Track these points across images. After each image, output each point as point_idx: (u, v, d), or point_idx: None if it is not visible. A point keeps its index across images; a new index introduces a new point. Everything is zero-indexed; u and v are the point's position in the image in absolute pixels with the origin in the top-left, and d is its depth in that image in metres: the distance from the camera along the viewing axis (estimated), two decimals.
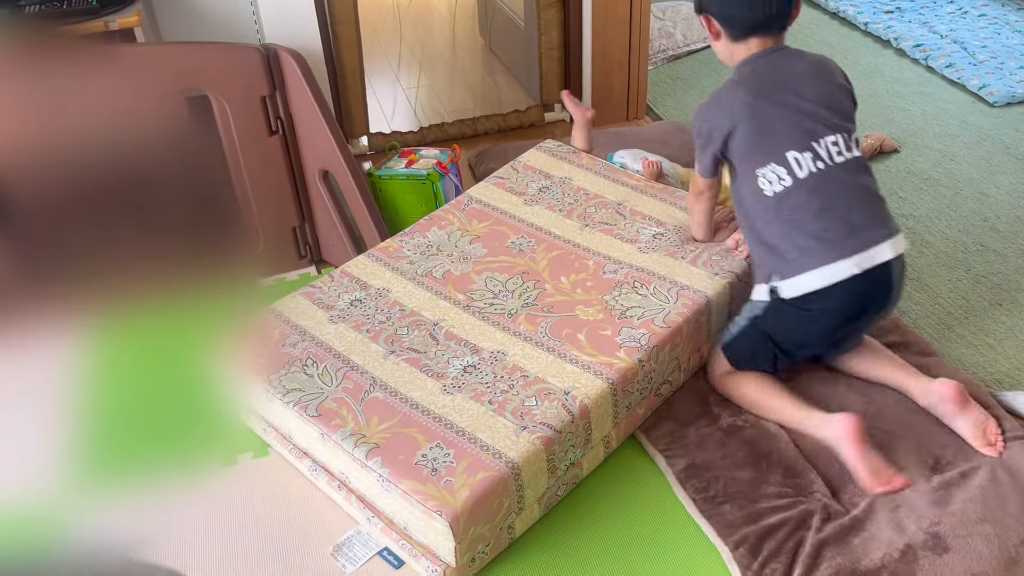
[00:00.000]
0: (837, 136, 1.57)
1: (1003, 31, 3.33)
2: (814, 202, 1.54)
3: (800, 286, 1.55)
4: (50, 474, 1.67)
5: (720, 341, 1.70)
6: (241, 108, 1.99)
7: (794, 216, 1.55)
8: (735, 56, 1.66)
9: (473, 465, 1.37)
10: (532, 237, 1.88)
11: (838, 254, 1.52)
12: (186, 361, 1.91)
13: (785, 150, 1.55)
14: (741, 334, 1.66)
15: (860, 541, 1.41)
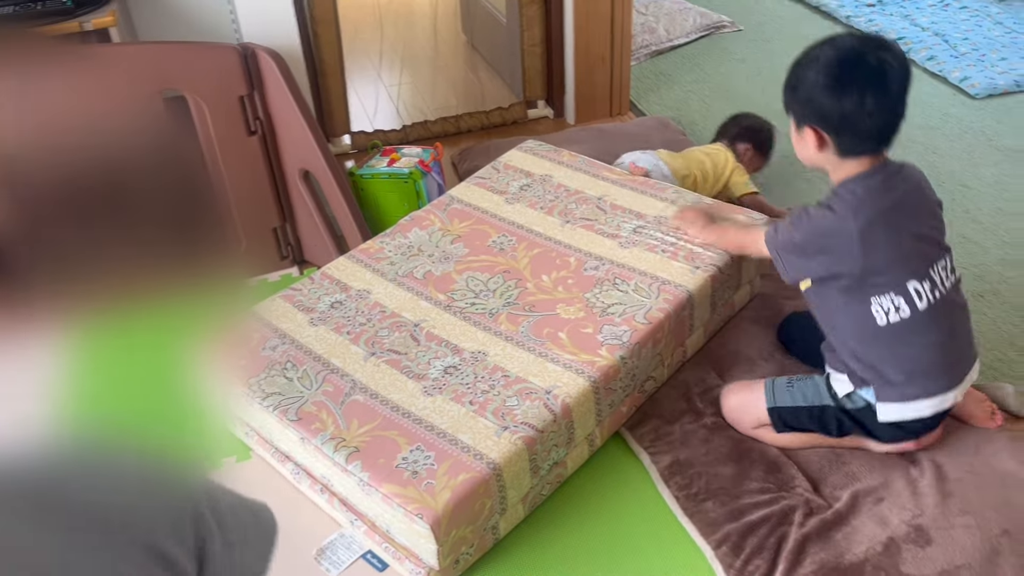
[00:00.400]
0: (945, 258, 1.44)
1: (984, 23, 3.34)
2: (932, 334, 1.41)
3: (905, 413, 1.44)
4: None
5: (768, 401, 1.55)
6: (219, 108, 1.98)
7: (908, 348, 1.42)
8: (839, 172, 1.42)
9: (454, 467, 1.37)
10: (513, 235, 1.87)
11: (947, 384, 1.43)
12: (168, 365, 1.89)
13: (906, 280, 1.39)
14: (804, 411, 1.53)
15: (843, 535, 1.41)
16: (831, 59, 1.35)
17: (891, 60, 1.33)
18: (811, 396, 1.52)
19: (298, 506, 1.56)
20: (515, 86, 3.02)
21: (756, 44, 3.36)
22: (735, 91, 3.01)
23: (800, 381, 1.55)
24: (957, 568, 1.34)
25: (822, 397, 1.51)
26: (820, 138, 1.40)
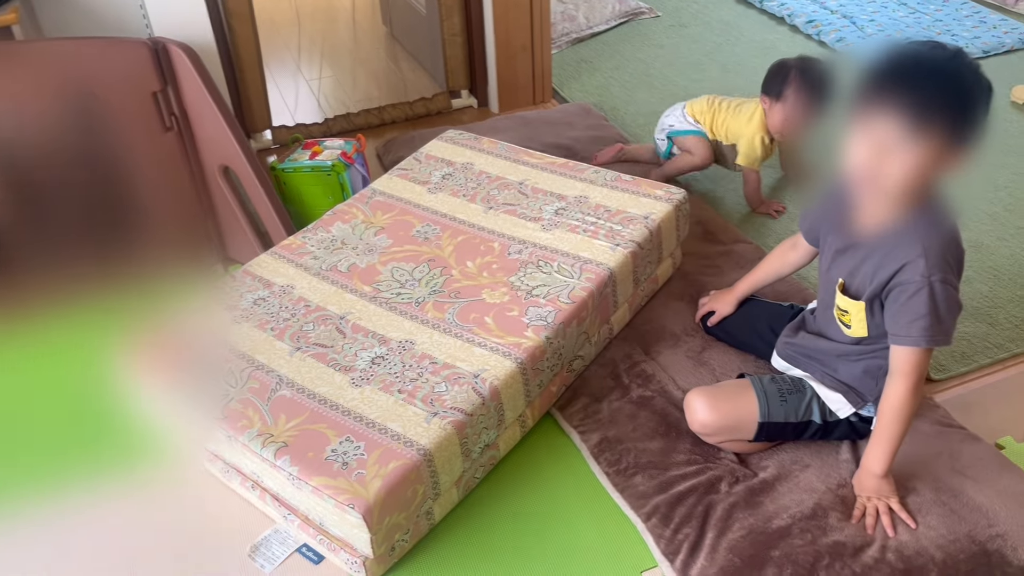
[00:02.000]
0: None
1: (889, 5, 3.46)
2: None
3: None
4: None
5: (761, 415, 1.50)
6: (131, 105, 1.93)
7: None
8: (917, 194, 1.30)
9: (384, 455, 1.37)
10: (437, 224, 1.88)
11: None
12: (89, 368, 1.85)
13: None
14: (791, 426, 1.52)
15: (770, 501, 1.46)
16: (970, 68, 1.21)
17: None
18: (801, 413, 1.50)
19: (229, 504, 1.54)
20: (438, 76, 3.02)
21: (674, 30, 3.42)
22: (655, 76, 3.06)
23: (791, 395, 1.51)
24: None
25: (812, 414, 1.51)
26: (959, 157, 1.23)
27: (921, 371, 1.34)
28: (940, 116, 1.18)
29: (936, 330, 1.30)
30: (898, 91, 1.19)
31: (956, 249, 1.31)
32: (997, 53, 3.07)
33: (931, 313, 1.29)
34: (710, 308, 1.79)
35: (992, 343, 1.84)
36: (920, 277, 1.28)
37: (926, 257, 1.28)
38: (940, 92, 1.19)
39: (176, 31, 2.14)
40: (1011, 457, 1.53)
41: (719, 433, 1.53)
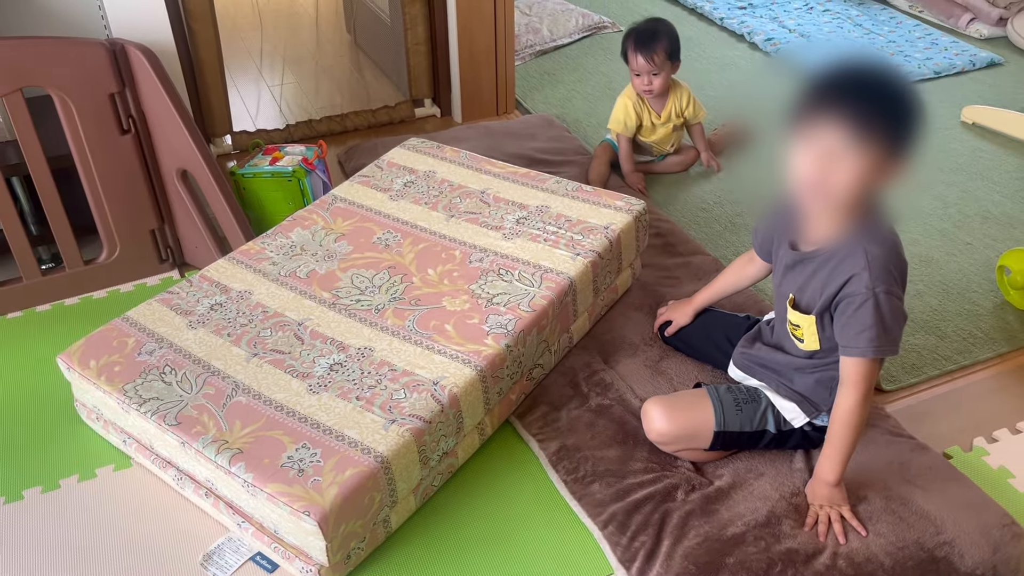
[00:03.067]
0: None
1: (845, 25, 3.54)
2: None
3: None
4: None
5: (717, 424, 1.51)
6: (87, 106, 1.90)
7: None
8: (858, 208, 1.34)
9: (341, 462, 1.36)
10: (398, 231, 1.88)
11: None
12: (37, 375, 1.81)
13: None
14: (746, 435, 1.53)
15: (725, 509, 1.47)
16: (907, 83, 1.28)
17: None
18: (756, 422, 1.52)
19: (182, 512, 1.52)
20: (401, 85, 3.02)
21: None
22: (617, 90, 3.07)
23: (746, 404, 1.53)
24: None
25: (767, 423, 1.52)
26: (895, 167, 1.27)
27: (870, 381, 1.37)
28: (882, 127, 1.21)
29: (883, 340, 1.33)
30: (841, 102, 1.22)
31: (899, 260, 1.34)
32: (948, 74, 3.16)
33: (877, 324, 1.32)
34: (667, 318, 1.81)
35: (940, 355, 1.88)
36: (865, 289, 1.31)
37: (870, 269, 1.31)
38: (882, 103, 1.23)
39: (135, 32, 2.12)
40: (959, 466, 1.57)
41: (675, 442, 1.55)
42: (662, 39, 2.33)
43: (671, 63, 2.36)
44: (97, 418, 1.65)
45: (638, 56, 2.33)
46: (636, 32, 2.35)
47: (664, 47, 2.33)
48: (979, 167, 2.59)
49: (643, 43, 2.33)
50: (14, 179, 2.09)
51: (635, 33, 2.35)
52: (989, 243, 2.25)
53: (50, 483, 1.58)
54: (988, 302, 2.04)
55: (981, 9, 3.45)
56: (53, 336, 1.91)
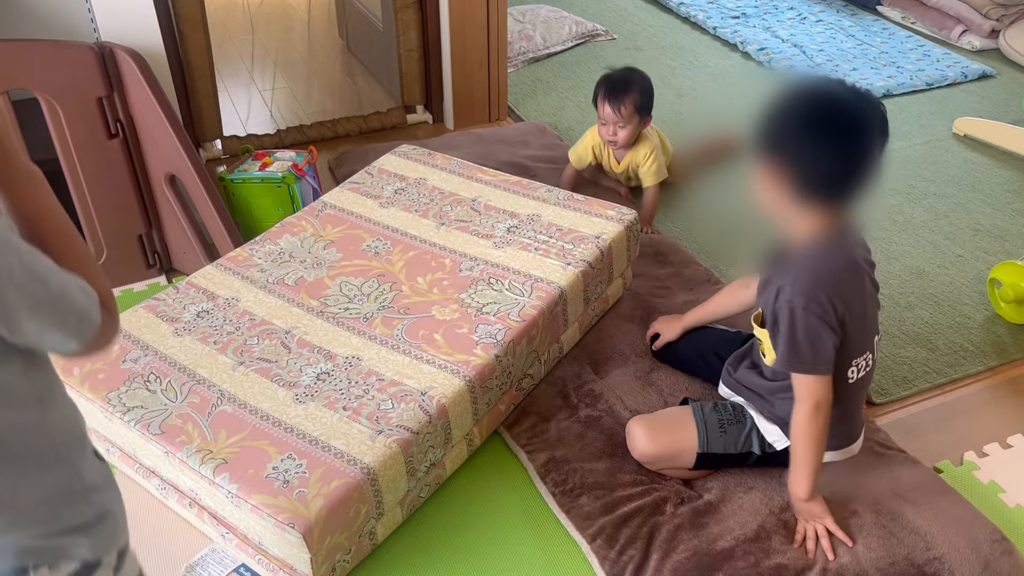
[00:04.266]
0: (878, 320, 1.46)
1: (838, 36, 3.55)
2: (865, 387, 1.47)
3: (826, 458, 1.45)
4: None
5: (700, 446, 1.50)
6: (75, 110, 1.88)
7: (855, 402, 1.46)
8: (798, 223, 1.33)
9: (327, 474, 1.34)
10: (388, 239, 1.86)
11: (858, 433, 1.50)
12: None
13: (873, 336, 1.43)
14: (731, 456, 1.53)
15: (715, 523, 1.46)
16: (816, 101, 1.27)
17: (873, 117, 1.25)
18: (740, 444, 1.51)
19: (166, 522, 1.50)
20: (393, 91, 3.01)
21: (629, 53, 3.46)
22: None
23: (731, 426, 1.51)
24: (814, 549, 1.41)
25: (752, 445, 1.51)
26: (789, 180, 1.28)
27: (814, 396, 1.34)
28: (792, 169, 1.26)
29: (792, 357, 1.33)
30: (772, 133, 1.28)
31: (834, 285, 1.31)
32: (940, 86, 3.17)
33: (787, 339, 1.33)
34: (656, 331, 1.79)
35: (931, 368, 1.88)
36: (785, 303, 1.32)
37: (793, 283, 1.31)
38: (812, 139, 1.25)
39: (124, 35, 2.10)
40: (949, 481, 1.56)
41: (659, 462, 1.54)
42: (633, 91, 2.19)
43: (640, 117, 2.22)
44: None
45: (606, 105, 2.20)
46: (608, 80, 2.22)
47: (634, 100, 2.18)
48: (971, 179, 2.59)
49: (613, 93, 2.19)
50: None
51: (607, 81, 2.22)
52: (980, 255, 2.25)
53: None
54: (979, 315, 2.04)
55: (973, 21, 3.46)
56: None
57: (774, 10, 3.79)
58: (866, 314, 1.38)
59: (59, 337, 0.79)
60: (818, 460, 1.38)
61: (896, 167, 2.65)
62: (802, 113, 1.26)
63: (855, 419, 1.48)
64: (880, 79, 3.15)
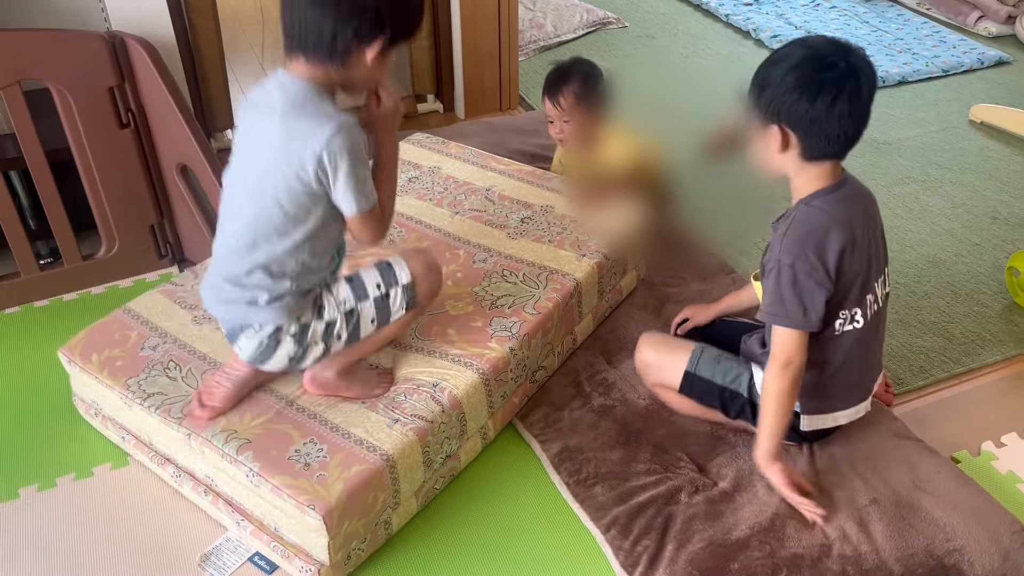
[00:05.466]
0: (884, 272, 1.47)
1: (852, 22, 3.52)
2: (864, 347, 1.46)
3: (826, 423, 1.50)
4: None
5: (690, 365, 1.55)
6: (86, 99, 1.87)
7: (847, 359, 1.45)
8: (800, 178, 1.39)
9: (347, 459, 1.35)
10: (403, 227, 1.86)
11: (863, 395, 1.50)
12: (34, 370, 1.79)
13: (865, 292, 1.42)
14: (717, 388, 1.54)
15: (729, 512, 1.45)
16: (804, 58, 1.30)
17: (862, 66, 1.30)
18: (731, 380, 1.53)
19: (180, 511, 1.50)
20: (404, 80, 2.99)
21: (641, 40, 3.44)
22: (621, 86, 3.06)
23: (727, 360, 1.55)
24: (832, 541, 1.40)
25: (741, 385, 1.52)
26: (786, 139, 1.33)
27: (786, 352, 1.38)
28: (756, 105, 1.34)
29: (777, 308, 1.37)
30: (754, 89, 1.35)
31: (820, 242, 1.35)
32: (956, 72, 3.14)
33: (774, 292, 1.37)
34: (687, 316, 1.77)
35: (948, 357, 1.86)
36: (774, 259, 1.38)
37: (782, 241, 1.37)
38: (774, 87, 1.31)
39: (135, 25, 2.09)
40: (967, 471, 1.55)
41: (652, 369, 1.61)
42: (573, 81, 1.96)
43: (585, 108, 1.98)
44: (95, 414, 1.63)
45: (545, 100, 2.01)
46: (548, 75, 2.03)
47: (574, 90, 1.96)
48: (987, 166, 2.57)
49: (551, 85, 2.00)
50: (12, 173, 2.07)
51: (547, 76, 2.04)
52: (998, 244, 2.23)
53: (47, 481, 1.57)
54: (997, 304, 2.02)
55: (989, 7, 3.42)
56: (51, 332, 1.89)
57: None
58: (857, 270, 1.39)
59: (352, 200, 1.32)
60: (779, 421, 1.41)
61: (912, 155, 2.63)
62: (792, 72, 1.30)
63: (855, 375, 1.48)
64: (895, 66, 3.12)
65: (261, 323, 1.38)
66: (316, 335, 1.41)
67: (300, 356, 1.42)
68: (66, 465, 1.60)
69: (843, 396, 1.50)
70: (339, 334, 1.42)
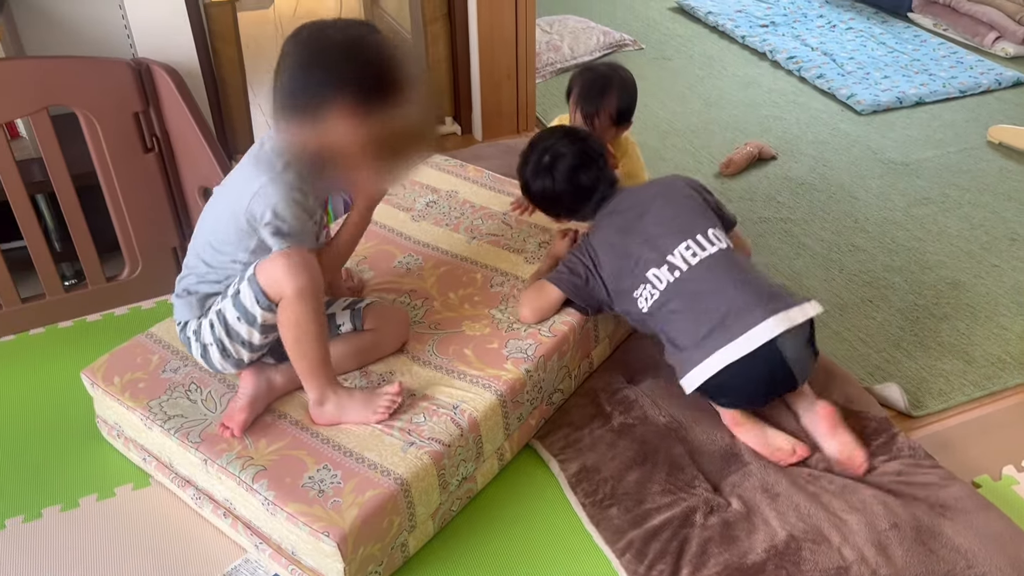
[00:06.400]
0: (688, 241, 1.61)
1: (868, 43, 3.52)
2: (688, 303, 1.57)
3: (705, 373, 1.55)
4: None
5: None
6: (112, 125, 1.91)
7: (676, 321, 1.59)
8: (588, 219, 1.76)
9: (361, 484, 1.35)
10: (419, 254, 1.87)
11: (730, 336, 1.52)
12: (58, 391, 1.82)
13: (645, 271, 1.61)
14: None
15: (744, 534, 1.45)
16: (527, 161, 1.74)
17: (563, 149, 1.70)
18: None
19: (200, 532, 1.52)
20: None
21: (657, 62, 3.46)
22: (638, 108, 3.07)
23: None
24: (850, 564, 1.39)
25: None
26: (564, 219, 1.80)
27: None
28: None
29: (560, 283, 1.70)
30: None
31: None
32: (974, 93, 3.13)
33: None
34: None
35: (969, 380, 1.85)
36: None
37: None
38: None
39: (160, 52, 2.13)
40: (988, 496, 1.53)
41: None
42: (611, 99, 1.88)
43: (616, 128, 1.93)
44: (118, 435, 1.65)
45: (577, 112, 1.92)
46: (584, 82, 1.93)
47: (611, 111, 1.89)
48: (1006, 188, 2.56)
49: (587, 98, 1.90)
50: (38, 196, 2.11)
51: (582, 82, 1.93)
52: (1017, 265, 2.22)
53: (69, 501, 1.59)
54: (1017, 326, 2.01)
55: (1006, 27, 3.41)
56: (75, 352, 1.92)
57: (803, 18, 3.77)
58: (629, 260, 1.62)
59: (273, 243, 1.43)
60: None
61: (930, 176, 2.62)
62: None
63: (681, 338, 1.57)
64: (912, 87, 3.12)
65: (177, 318, 1.55)
66: (205, 332, 1.50)
67: (206, 355, 1.52)
68: (89, 485, 1.62)
69: (703, 347, 1.54)
70: (219, 333, 1.48)
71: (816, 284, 2.16)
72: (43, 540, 1.52)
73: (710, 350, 1.53)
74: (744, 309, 1.53)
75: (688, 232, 1.62)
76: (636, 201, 1.71)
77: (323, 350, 1.45)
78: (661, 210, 1.67)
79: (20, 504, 1.58)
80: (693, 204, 1.69)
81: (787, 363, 1.54)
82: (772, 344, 1.51)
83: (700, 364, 1.54)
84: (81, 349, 1.93)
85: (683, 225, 1.64)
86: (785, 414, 1.67)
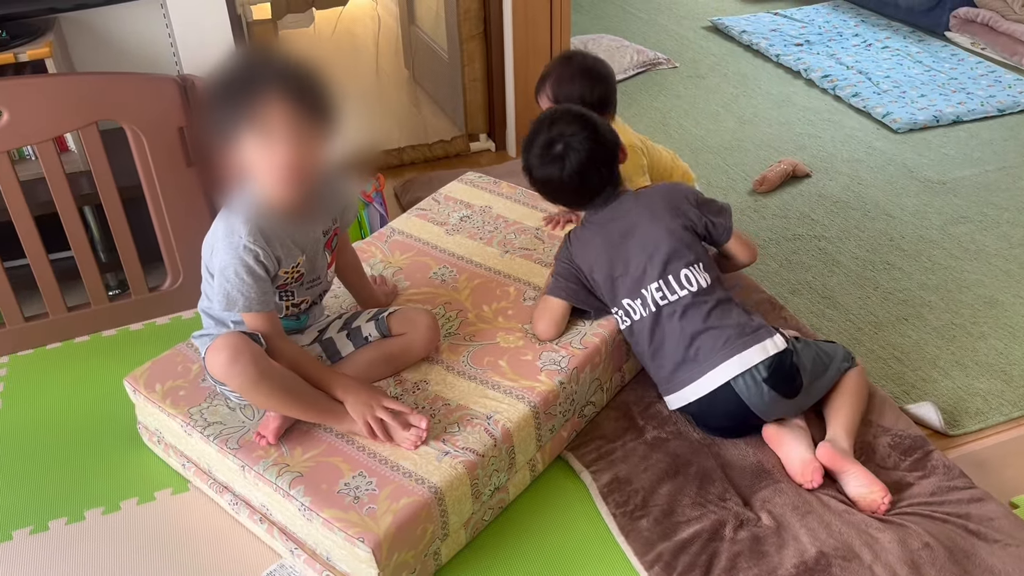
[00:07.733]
0: (659, 282, 1.63)
1: (904, 62, 3.50)
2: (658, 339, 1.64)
3: (677, 402, 1.67)
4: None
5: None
6: (158, 139, 1.97)
7: (640, 355, 1.71)
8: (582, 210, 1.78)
9: (396, 492, 1.37)
10: (454, 267, 1.90)
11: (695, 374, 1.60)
12: (102, 397, 1.86)
13: (622, 298, 1.67)
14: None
15: (774, 550, 1.44)
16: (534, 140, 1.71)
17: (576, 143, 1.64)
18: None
19: (237, 537, 1.55)
20: (457, 120, 3.07)
21: (691, 80, 3.47)
22: (671, 125, 3.10)
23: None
24: None
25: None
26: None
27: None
28: None
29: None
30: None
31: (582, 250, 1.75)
32: (1013, 112, 3.10)
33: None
34: None
35: (1007, 400, 1.83)
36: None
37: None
38: None
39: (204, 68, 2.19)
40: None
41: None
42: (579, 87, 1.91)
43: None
44: (158, 441, 1.69)
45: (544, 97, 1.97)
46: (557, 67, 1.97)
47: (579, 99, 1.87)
48: None
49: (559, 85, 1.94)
50: (85, 208, 2.17)
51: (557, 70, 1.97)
52: None
53: (111, 505, 1.62)
54: None
55: None
56: (118, 360, 1.97)
57: (838, 37, 3.77)
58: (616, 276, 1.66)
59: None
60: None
61: (968, 194, 2.60)
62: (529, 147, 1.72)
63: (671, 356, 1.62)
64: (950, 105, 3.10)
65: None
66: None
67: None
68: (130, 489, 1.66)
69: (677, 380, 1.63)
70: None
71: (850, 302, 2.15)
72: (85, 542, 1.56)
73: (677, 386, 1.64)
74: (694, 359, 1.60)
75: (662, 271, 1.63)
76: (626, 217, 1.68)
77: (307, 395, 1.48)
78: (645, 235, 1.66)
79: (64, 506, 1.63)
80: (673, 240, 1.64)
81: (744, 403, 1.58)
82: (727, 386, 1.58)
83: (668, 397, 1.68)
84: (124, 357, 1.98)
85: (660, 260, 1.63)
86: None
